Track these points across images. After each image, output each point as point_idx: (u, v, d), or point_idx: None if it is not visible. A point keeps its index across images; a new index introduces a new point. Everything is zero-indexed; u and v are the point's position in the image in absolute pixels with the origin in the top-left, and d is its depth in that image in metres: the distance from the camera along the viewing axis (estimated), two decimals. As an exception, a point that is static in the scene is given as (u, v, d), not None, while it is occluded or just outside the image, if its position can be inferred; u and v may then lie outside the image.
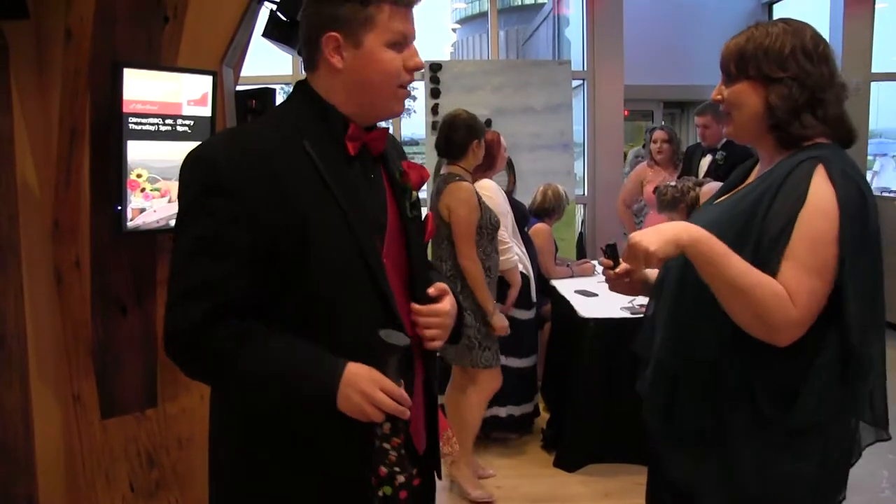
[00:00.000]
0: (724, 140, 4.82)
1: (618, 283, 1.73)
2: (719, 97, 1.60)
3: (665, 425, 1.64)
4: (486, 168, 3.82)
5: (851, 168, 1.47)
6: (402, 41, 1.37)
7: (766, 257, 1.43)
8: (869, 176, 8.54)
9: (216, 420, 1.51)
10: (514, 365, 3.94)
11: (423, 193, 5.42)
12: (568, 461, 3.82)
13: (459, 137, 3.41)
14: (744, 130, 1.59)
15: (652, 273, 1.78)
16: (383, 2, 1.33)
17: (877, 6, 6.86)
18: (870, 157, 11.87)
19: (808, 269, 1.40)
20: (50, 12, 2.33)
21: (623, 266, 1.65)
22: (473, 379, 3.50)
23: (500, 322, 3.42)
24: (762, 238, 1.45)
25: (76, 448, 2.51)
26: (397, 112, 1.45)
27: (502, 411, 4.03)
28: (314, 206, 1.32)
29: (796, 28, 1.54)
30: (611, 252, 1.69)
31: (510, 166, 4.68)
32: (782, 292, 1.39)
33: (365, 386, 1.27)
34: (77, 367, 2.49)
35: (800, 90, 1.49)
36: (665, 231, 1.46)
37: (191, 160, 1.34)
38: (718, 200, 1.67)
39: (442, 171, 3.50)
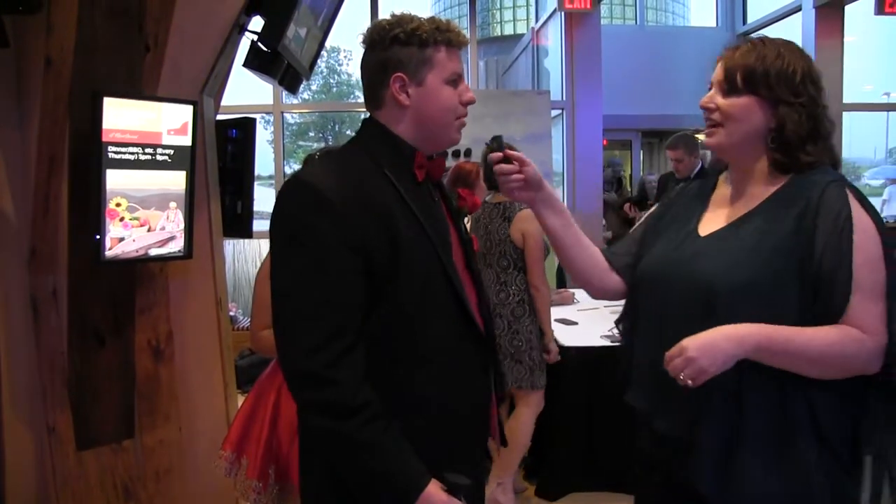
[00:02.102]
0: (697, 170, 4.92)
1: (513, 180, 1.62)
2: (712, 105, 1.55)
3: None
4: None
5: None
6: (457, 78, 1.52)
7: (830, 287, 1.40)
8: (878, 203, 8.54)
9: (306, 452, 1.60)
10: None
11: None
12: (550, 490, 3.80)
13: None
14: (735, 145, 1.54)
15: (559, 202, 1.69)
16: (439, 44, 1.48)
17: (846, 39, 7.02)
18: (876, 184, 12.02)
19: (874, 294, 1.39)
20: (30, 41, 2.33)
21: (515, 153, 1.60)
22: (526, 401, 3.58)
23: (555, 348, 3.56)
24: (819, 268, 1.40)
25: (49, 480, 2.46)
26: (456, 140, 1.57)
27: None
28: (401, 224, 1.43)
29: (801, 53, 1.53)
30: (497, 144, 1.61)
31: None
32: (855, 333, 1.38)
33: None
34: (52, 398, 2.45)
35: (807, 118, 1.49)
36: (723, 348, 1.36)
37: (293, 187, 1.44)
38: (709, 230, 1.59)
39: (495, 200, 3.59)
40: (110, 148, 2.32)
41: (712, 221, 1.60)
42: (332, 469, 1.47)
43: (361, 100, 1.60)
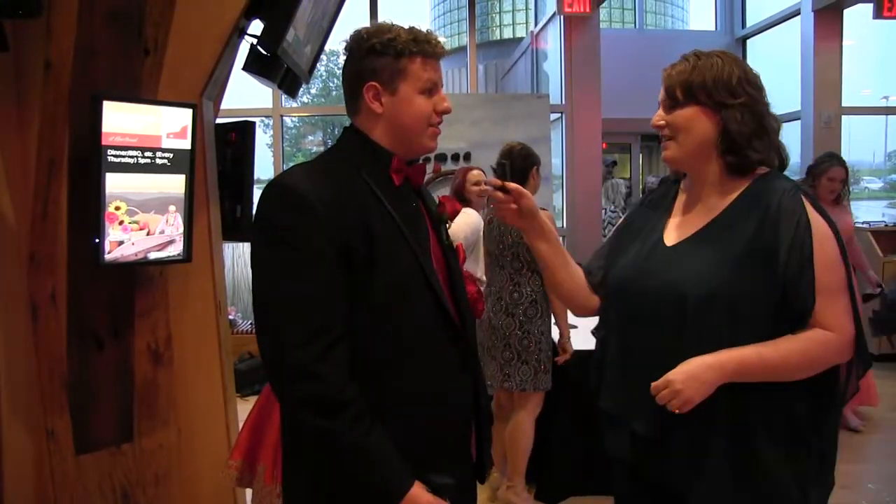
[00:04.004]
0: None
1: (505, 209, 1.70)
2: (661, 122, 1.64)
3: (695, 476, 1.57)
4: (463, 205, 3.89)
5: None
6: (433, 87, 1.55)
7: (796, 293, 1.49)
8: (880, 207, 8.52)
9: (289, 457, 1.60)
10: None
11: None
12: (550, 495, 3.79)
13: (519, 165, 3.56)
14: (690, 154, 1.62)
15: (549, 231, 1.77)
16: (414, 55, 1.51)
17: (844, 43, 7.03)
18: (875, 188, 11.92)
19: (835, 291, 1.50)
20: (29, 45, 2.34)
21: (512, 185, 1.67)
22: (524, 404, 3.59)
23: (571, 348, 3.59)
24: (785, 275, 1.49)
25: (48, 484, 2.46)
26: (431, 148, 1.61)
27: None
28: (378, 225, 1.46)
29: (734, 58, 1.61)
30: (501, 171, 1.67)
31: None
32: (820, 336, 1.49)
33: None
34: (51, 401, 2.45)
35: (750, 116, 1.56)
36: (706, 378, 1.47)
37: (274, 189, 1.46)
38: (675, 240, 1.66)
39: None
40: (110, 151, 2.32)
41: (677, 231, 1.68)
42: (318, 471, 1.47)
43: (361, 104, 1.61)
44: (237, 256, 7.15)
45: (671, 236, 1.68)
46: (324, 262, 1.40)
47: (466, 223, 3.82)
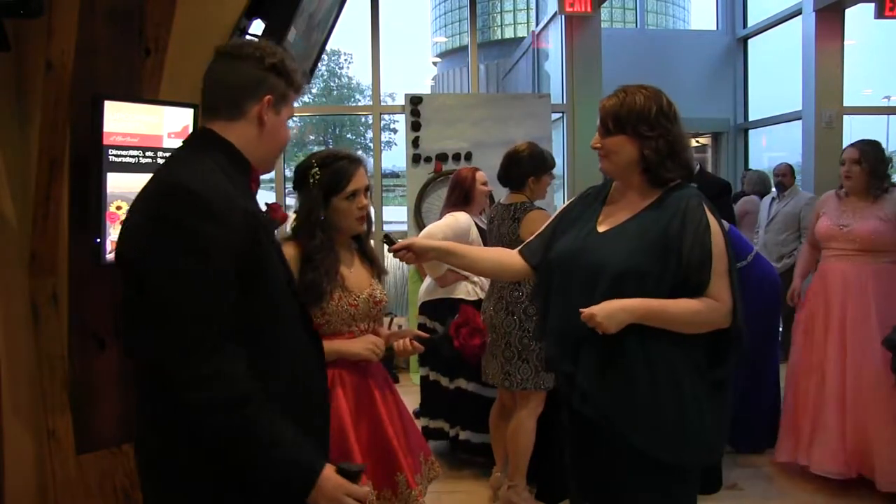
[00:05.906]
0: (696, 170, 4.89)
1: (407, 258, 2.19)
2: (598, 145, 2.07)
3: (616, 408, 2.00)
4: (462, 205, 3.87)
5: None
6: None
7: (698, 273, 1.94)
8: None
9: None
10: (489, 394, 3.95)
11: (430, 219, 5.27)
12: (549, 494, 3.79)
13: (517, 170, 3.60)
14: (619, 170, 2.08)
15: (450, 248, 2.26)
16: (294, 88, 1.65)
17: (846, 43, 7.02)
18: None
19: (721, 273, 1.97)
20: (30, 44, 2.34)
21: (399, 243, 2.17)
22: (526, 403, 3.57)
23: None
24: (689, 260, 1.94)
25: (49, 484, 2.46)
26: (271, 170, 1.79)
27: (475, 437, 4.10)
28: (261, 231, 1.53)
29: (654, 94, 2.03)
30: (388, 241, 2.19)
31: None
32: (711, 303, 1.96)
33: (335, 493, 1.48)
34: (52, 402, 2.45)
35: (664, 144, 2.00)
36: (619, 317, 1.92)
37: (177, 191, 1.44)
38: (605, 228, 2.09)
39: (506, 201, 3.65)
40: (111, 151, 2.32)
41: (606, 221, 2.12)
42: (222, 478, 1.47)
43: (362, 103, 1.62)
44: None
45: (602, 226, 2.11)
46: (230, 271, 1.43)
47: (448, 225, 3.79)
